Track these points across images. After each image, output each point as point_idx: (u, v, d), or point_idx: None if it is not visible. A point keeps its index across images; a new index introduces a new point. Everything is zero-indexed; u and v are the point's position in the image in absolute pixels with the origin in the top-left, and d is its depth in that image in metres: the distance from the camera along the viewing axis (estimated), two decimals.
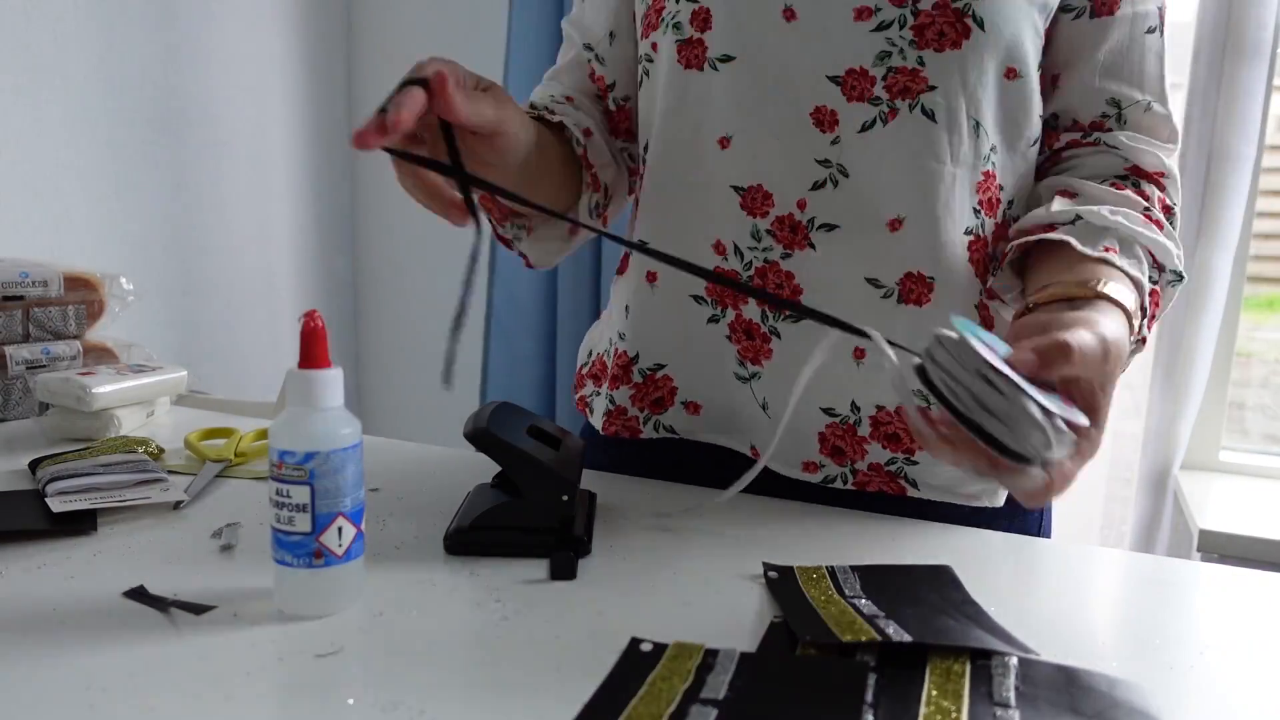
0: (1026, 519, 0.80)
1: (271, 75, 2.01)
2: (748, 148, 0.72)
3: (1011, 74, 0.70)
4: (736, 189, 0.73)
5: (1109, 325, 0.56)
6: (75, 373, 0.94)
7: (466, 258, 0.59)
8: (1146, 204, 0.71)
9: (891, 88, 0.68)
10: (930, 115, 0.68)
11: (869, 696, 0.44)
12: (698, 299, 0.77)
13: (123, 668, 0.46)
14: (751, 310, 0.74)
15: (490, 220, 0.80)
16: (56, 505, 0.67)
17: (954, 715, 0.43)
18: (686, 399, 0.80)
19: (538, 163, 0.72)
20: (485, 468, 0.67)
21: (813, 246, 0.71)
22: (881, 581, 0.58)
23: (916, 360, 0.53)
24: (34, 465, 0.78)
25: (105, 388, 0.91)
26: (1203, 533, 1.44)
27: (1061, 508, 0.88)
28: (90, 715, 0.43)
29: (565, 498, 0.64)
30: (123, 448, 0.82)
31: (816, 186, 0.71)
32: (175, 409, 1.05)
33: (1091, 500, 2.08)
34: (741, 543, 0.66)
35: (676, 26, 0.74)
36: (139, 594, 0.55)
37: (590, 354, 0.90)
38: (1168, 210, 0.75)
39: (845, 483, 0.75)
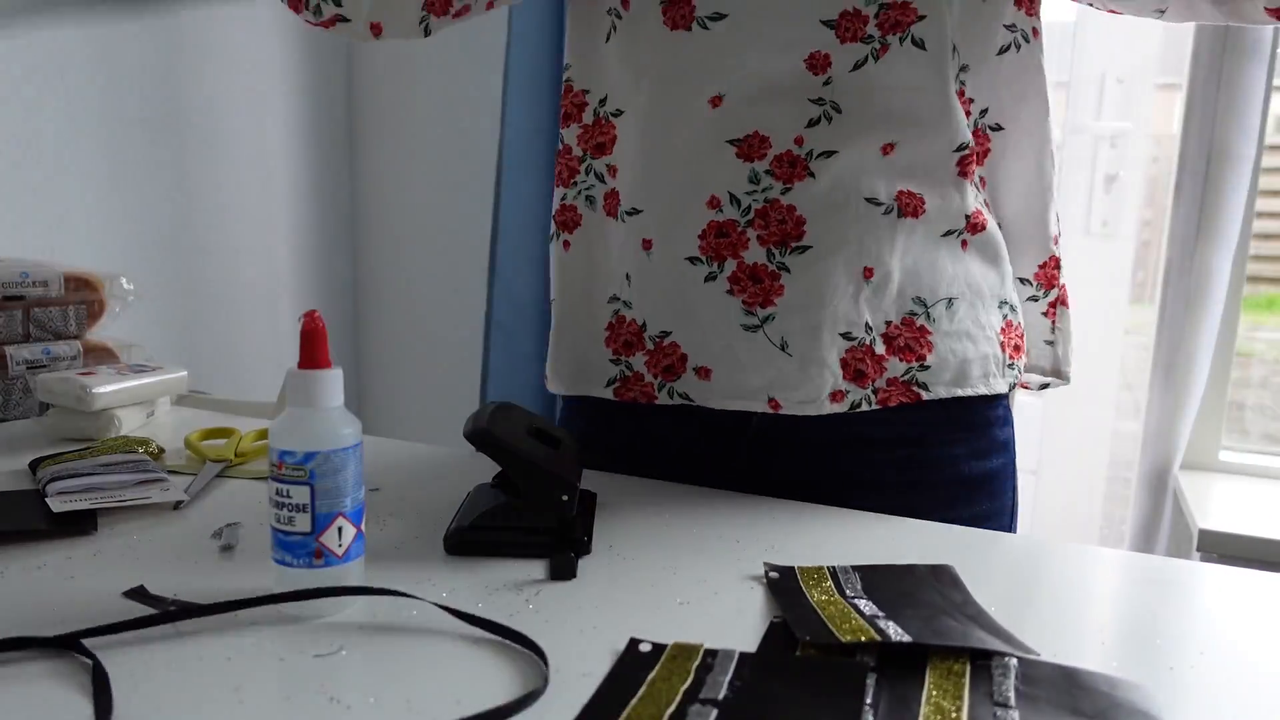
0: (1005, 495, 0.84)
1: (271, 75, 2.00)
2: (741, 103, 0.73)
3: None
4: (733, 142, 0.73)
5: None
6: (75, 373, 0.94)
7: (470, 260, 0.60)
8: None
9: (884, 24, 0.71)
10: (920, 44, 0.71)
11: (869, 697, 0.44)
12: (692, 260, 0.76)
13: (123, 668, 0.46)
14: (754, 253, 0.74)
15: None
16: (56, 505, 0.67)
17: (954, 715, 0.43)
18: (697, 365, 0.78)
19: None
20: (485, 468, 0.67)
21: (812, 175, 0.73)
22: (883, 581, 0.58)
23: None
24: (34, 465, 0.78)
25: (105, 388, 0.91)
26: (1202, 532, 1.44)
27: (1062, 507, 0.89)
28: (91, 715, 0.43)
29: (565, 498, 0.64)
30: (123, 448, 0.82)
31: (812, 124, 0.73)
32: (175, 409, 1.05)
33: (1091, 500, 2.08)
34: (742, 543, 0.66)
35: None
36: (139, 594, 0.55)
37: (611, 317, 0.85)
38: None
39: (869, 404, 0.76)
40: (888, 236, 0.74)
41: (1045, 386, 0.89)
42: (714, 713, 0.43)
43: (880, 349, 0.76)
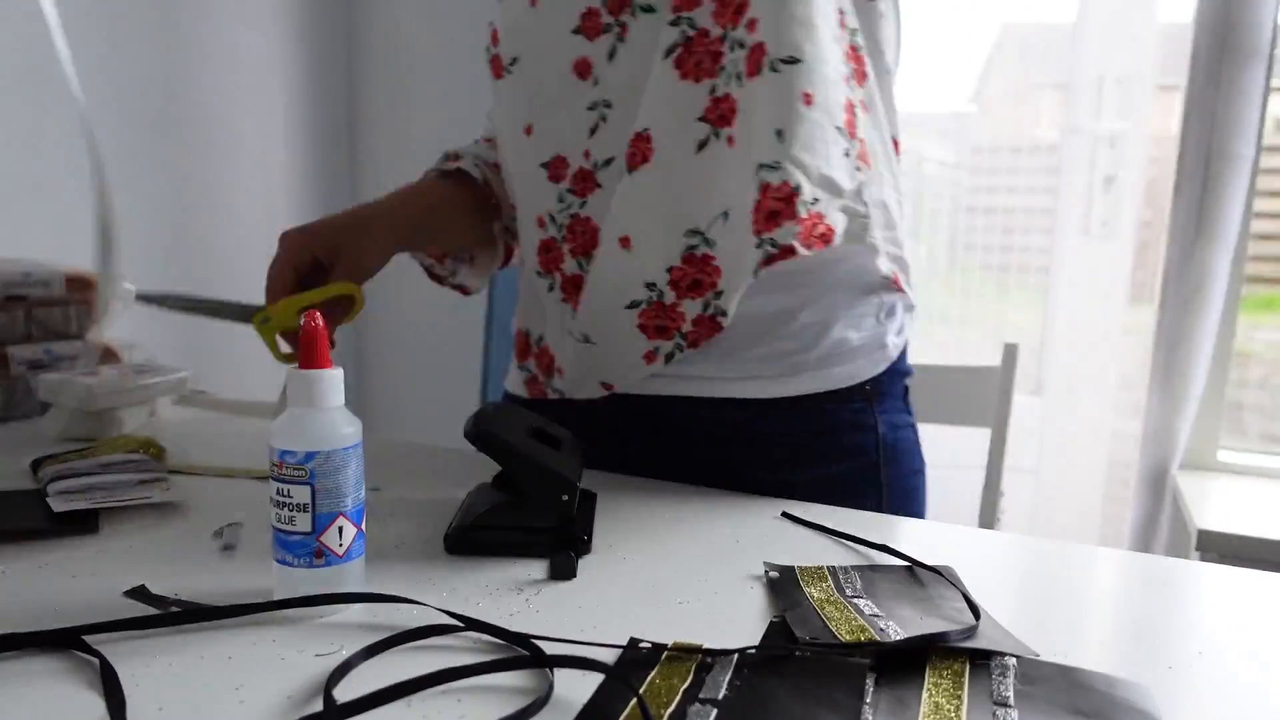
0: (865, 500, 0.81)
1: (272, 76, 2.01)
2: (543, 128, 0.80)
3: None
4: (543, 166, 0.80)
5: None
6: (77, 373, 0.94)
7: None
8: None
9: (612, 6, 0.74)
10: (650, 9, 0.73)
11: (868, 697, 0.44)
12: (538, 273, 0.84)
13: (124, 666, 0.46)
14: (569, 265, 0.81)
15: (425, 263, 0.95)
16: (58, 505, 0.67)
17: (953, 714, 0.43)
18: (557, 365, 0.86)
19: (435, 224, 0.88)
20: (485, 468, 0.67)
21: (599, 185, 0.78)
22: (883, 582, 0.58)
23: None
24: (35, 465, 0.78)
25: (107, 388, 0.91)
26: (1201, 533, 1.45)
27: (1061, 507, 0.88)
28: (91, 715, 0.43)
29: (565, 498, 0.64)
30: (124, 447, 0.82)
31: (593, 132, 0.77)
32: (177, 409, 1.05)
33: (1090, 500, 2.08)
34: (742, 543, 0.66)
35: (486, 49, 0.85)
36: (140, 593, 0.55)
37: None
38: None
39: (681, 350, 0.79)
40: (631, 193, 0.75)
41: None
42: (713, 712, 0.43)
43: (670, 298, 0.77)
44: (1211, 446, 1.74)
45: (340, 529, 0.53)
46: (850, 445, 0.82)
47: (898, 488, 0.84)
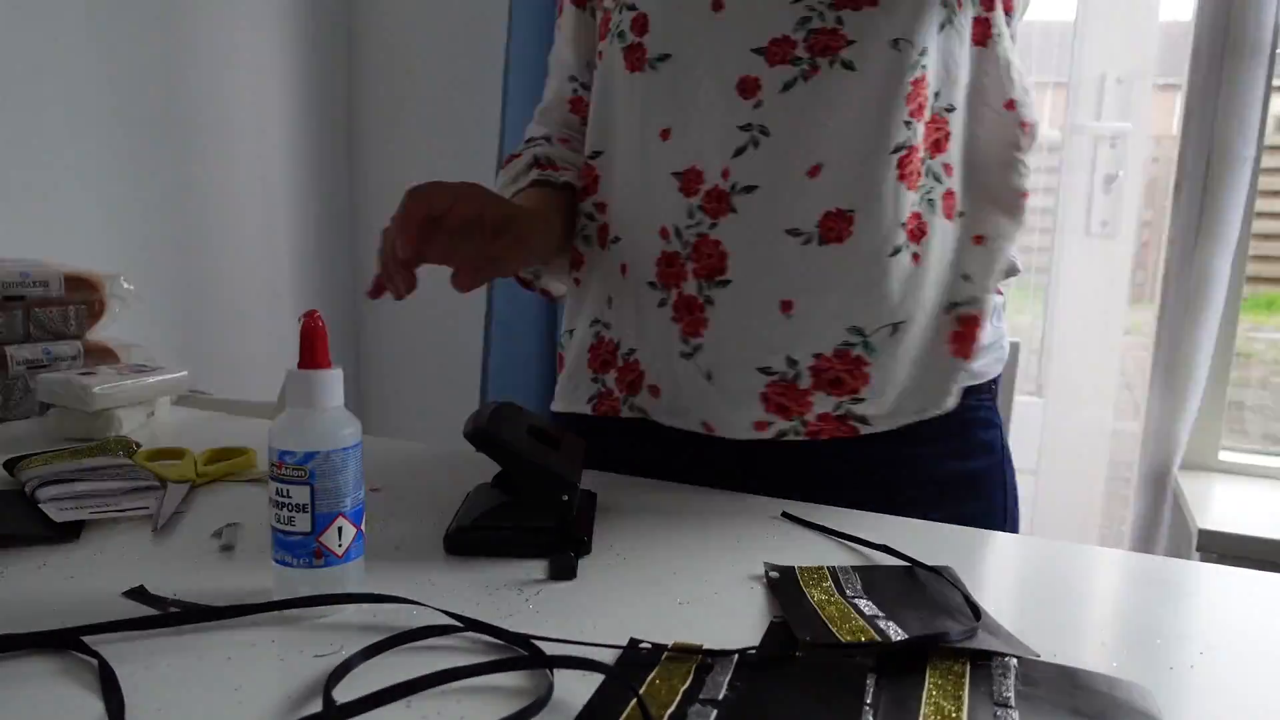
0: (992, 496, 0.82)
1: (272, 75, 2.01)
2: (684, 135, 0.76)
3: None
4: (675, 175, 0.77)
5: None
6: (76, 373, 0.94)
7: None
8: None
9: (814, 47, 0.72)
10: (849, 66, 0.72)
11: (869, 697, 0.44)
12: (651, 284, 0.80)
13: (123, 667, 0.46)
14: (690, 284, 0.77)
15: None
16: (55, 514, 0.67)
17: (954, 715, 0.43)
18: (651, 383, 0.82)
19: (564, 238, 0.86)
20: (485, 467, 0.67)
21: (734, 210, 0.74)
22: (883, 582, 0.58)
23: None
24: (10, 465, 0.77)
25: (105, 388, 0.91)
26: (1202, 532, 1.45)
27: (1062, 507, 0.88)
28: (90, 716, 0.43)
29: (565, 498, 0.64)
30: (101, 450, 0.82)
31: (739, 152, 0.74)
32: (176, 409, 1.05)
33: (1091, 500, 2.08)
34: (743, 542, 0.66)
35: (620, 35, 0.79)
36: (139, 594, 0.55)
37: (593, 339, 0.89)
38: None
39: (798, 434, 0.76)
40: (812, 267, 0.73)
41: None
42: (714, 713, 0.43)
43: (805, 383, 0.75)
44: (1212, 447, 1.74)
45: (340, 529, 0.53)
46: (983, 442, 0.82)
47: (1014, 486, 0.85)
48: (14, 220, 1.48)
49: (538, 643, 0.49)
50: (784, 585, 0.57)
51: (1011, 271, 0.81)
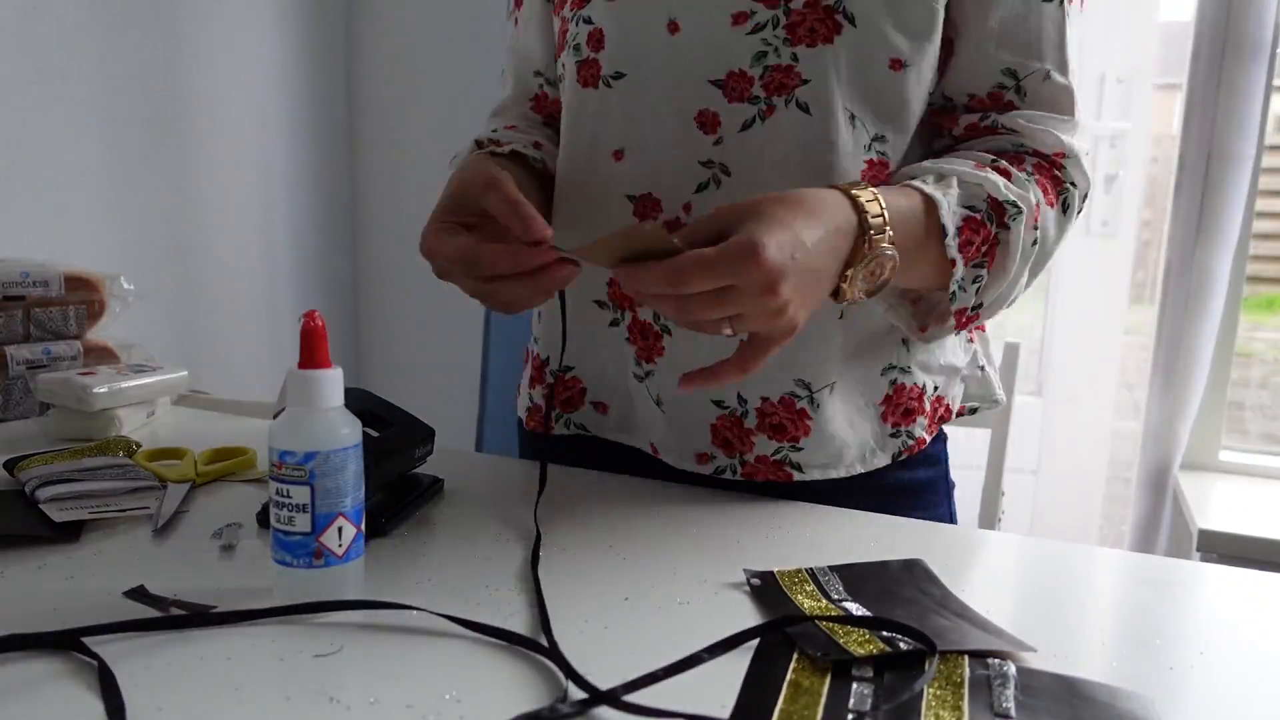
0: (936, 507, 0.82)
1: (271, 75, 2.01)
2: (639, 158, 0.74)
3: (896, 65, 0.70)
4: (630, 198, 0.75)
5: (806, 194, 0.61)
6: (76, 373, 0.94)
7: None
8: (996, 161, 0.70)
9: (769, 85, 0.70)
10: (804, 108, 0.70)
11: (867, 707, 0.44)
12: (600, 303, 0.79)
13: (123, 667, 0.46)
14: (646, 312, 0.76)
15: None
16: (56, 514, 0.67)
17: None
18: (595, 399, 0.83)
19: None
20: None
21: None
22: (862, 581, 0.58)
23: None
24: (10, 465, 0.78)
25: (105, 388, 0.91)
26: (1202, 532, 1.45)
27: (1062, 508, 0.88)
28: (91, 715, 0.43)
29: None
30: (101, 450, 0.82)
31: (701, 188, 0.72)
32: (176, 409, 1.05)
33: (1091, 500, 2.08)
34: (743, 543, 0.66)
35: (576, 48, 0.77)
36: (139, 594, 0.55)
37: (529, 353, 0.92)
38: (1055, 181, 0.73)
39: (734, 474, 0.77)
40: None
41: (975, 411, 0.87)
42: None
43: (751, 423, 0.75)
44: (1212, 446, 1.74)
45: (340, 529, 0.53)
46: (932, 452, 0.82)
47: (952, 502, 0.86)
48: (14, 220, 1.48)
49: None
50: (768, 592, 0.57)
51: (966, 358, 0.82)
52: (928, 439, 0.80)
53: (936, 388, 0.80)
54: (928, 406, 0.79)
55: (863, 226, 0.62)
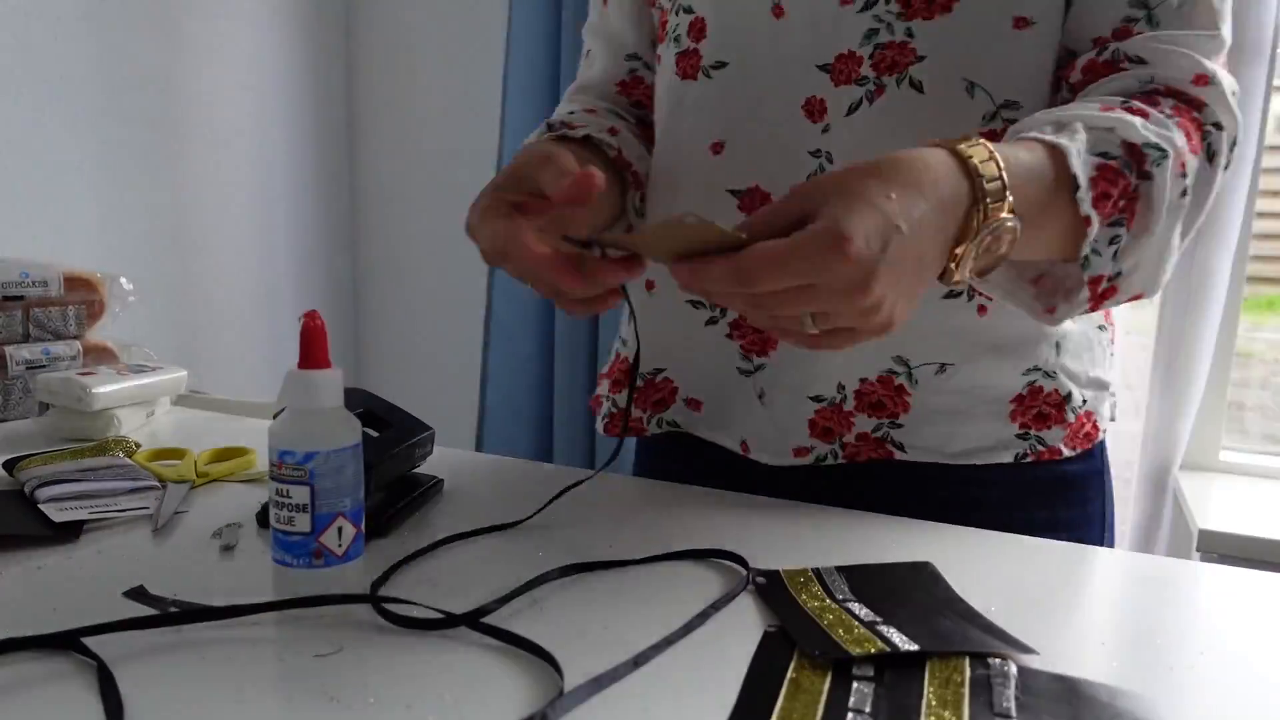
0: (1086, 529, 0.77)
1: (271, 75, 2.01)
2: (743, 151, 0.72)
3: (1021, 23, 0.64)
4: (734, 192, 0.72)
5: (904, 160, 0.51)
6: (75, 373, 0.94)
7: (470, 260, 0.60)
8: (1127, 102, 0.60)
9: (879, 64, 0.66)
10: (918, 87, 0.66)
11: (868, 707, 0.44)
12: (694, 304, 0.77)
13: (123, 668, 0.46)
14: None
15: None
16: (56, 514, 0.67)
17: None
18: (688, 396, 0.81)
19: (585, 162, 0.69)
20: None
21: None
22: (868, 582, 0.58)
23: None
24: (10, 465, 0.78)
25: (105, 388, 0.91)
26: (1202, 533, 1.44)
27: None
28: (90, 715, 0.43)
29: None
30: (101, 450, 0.82)
31: (809, 178, 0.69)
32: (175, 409, 1.05)
33: None
34: (743, 543, 0.66)
35: (677, 39, 0.74)
36: (139, 594, 0.55)
37: (612, 355, 0.90)
38: (1196, 124, 0.61)
39: (835, 458, 0.74)
40: None
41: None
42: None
43: (850, 405, 0.73)
44: (1213, 447, 1.74)
45: (340, 529, 0.53)
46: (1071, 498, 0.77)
47: (1111, 500, 0.81)
48: (14, 220, 1.48)
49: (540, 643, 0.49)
50: (773, 591, 0.57)
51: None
52: (1064, 451, 0.73)
53: (1085, 401, 0.74)
54: (1070, 418, 0.73)
55: (975, 195, 0.52)
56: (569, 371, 1.95)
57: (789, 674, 0.47)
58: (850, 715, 0.43)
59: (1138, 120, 0.57)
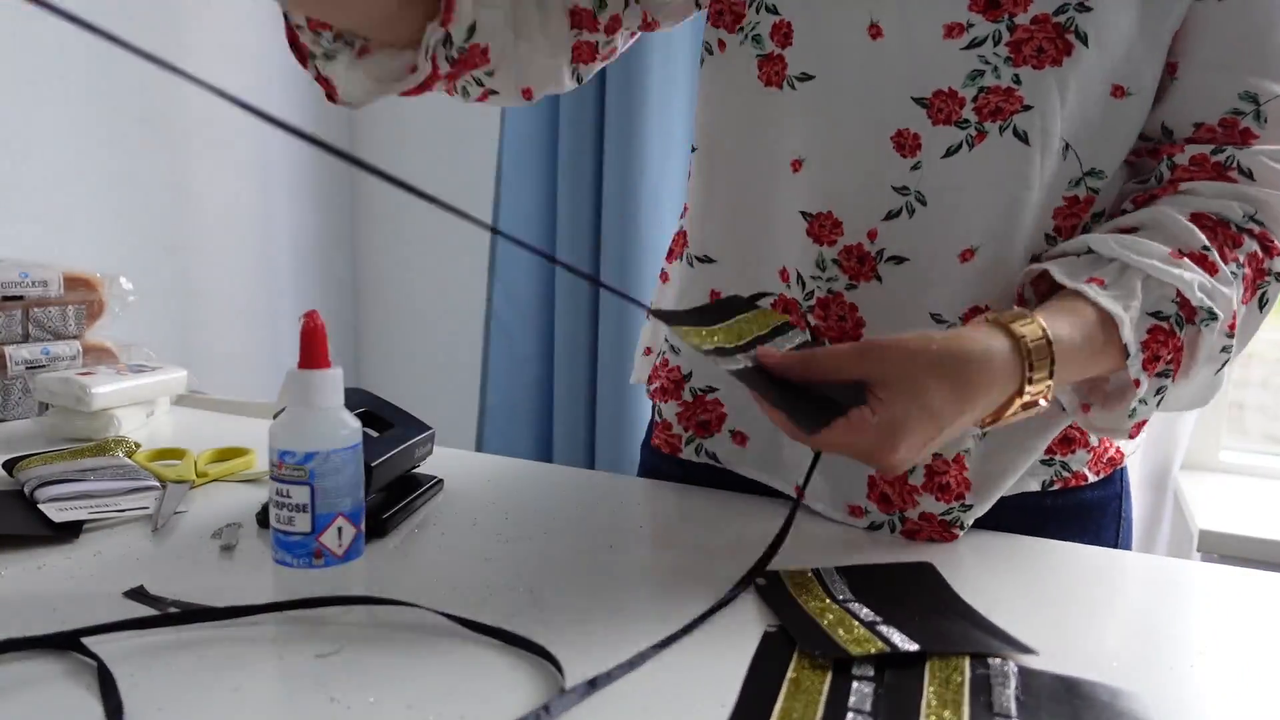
0: (1100, 531, 0.75)
1: (271, 75, 2.00)
2: (821, 172, 0.68)
3: (1119, 92, 0.63)
4: (805, 214, 0.69)
5: (966, 339, 0.56)
6: (75, 373, 0.94)
7: (470, 260, 0.60)
8: (1207, 248, 0.60)
9: (982, 109, 0.63)
10: (1023, 138, 0.63)
11: (867, 706, 0.44)
12: None
13: (123, 668, 0.46)
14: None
15: (295, 20, 0.66)
16: (55, 514, 0.66)
17: None
18: (734, 427, 0.76)
19: None
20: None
21: (879, 279, 0.67)
22: (868, 582, 0.58)
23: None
24: (9, 465, 0.78)
25: (105, 388, 0.91)
26: (1203, 533, 1.44)
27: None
28: (90, 715, 0.42)
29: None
30: (101, 450, 0.82)
31: (891, 216, 0.66)
32: (175, 409, 1.05)
33: None
34: (743, 542, 0.66)
35: (756, 40, 0.69)
36: (139, 594, 0.55)
37: (657, 351, 0.84)
38: (1259, 273, 0.63)
39: (893, 530, 0.69)
40: None
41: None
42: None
43: (917, 479, 0.68)
44: (1213, 446, 1.74)
45: (339, 529, 0.53)
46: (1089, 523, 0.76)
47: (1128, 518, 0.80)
48: (13, 220, 1.48)
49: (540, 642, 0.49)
50: (774, 592, 0.57)
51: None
52: (1090, 476, 0.72)
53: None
54: (1094, 439, 0.72)
55: (1021, 387, 0.56)
56: (569, 371, 1.94)
57: (789, 674, 0.47)
58: (850, 715, 0.43)
59: (1197, 280, 0.59)
